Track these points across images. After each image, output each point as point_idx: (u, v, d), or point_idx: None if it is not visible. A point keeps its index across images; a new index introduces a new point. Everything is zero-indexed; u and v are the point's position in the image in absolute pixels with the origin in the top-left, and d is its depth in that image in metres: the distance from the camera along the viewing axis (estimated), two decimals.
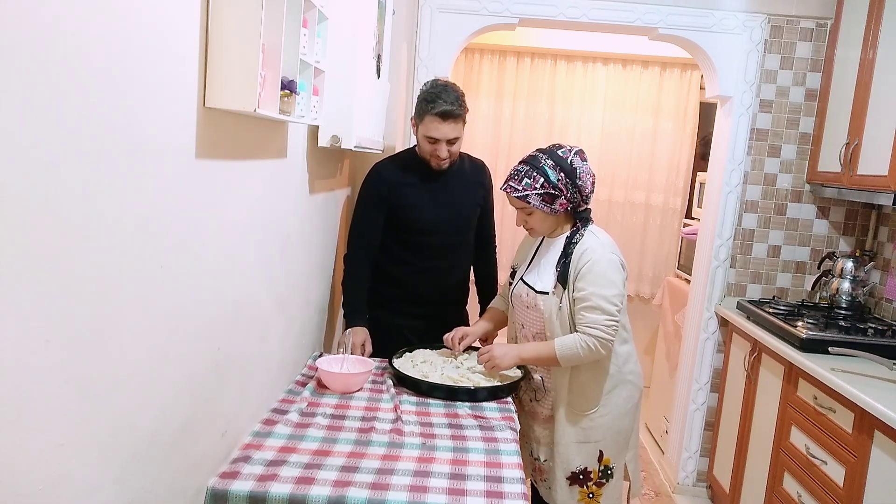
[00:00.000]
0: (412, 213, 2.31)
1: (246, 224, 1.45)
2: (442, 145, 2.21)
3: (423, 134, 2.23)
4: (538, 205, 1.88)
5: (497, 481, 1.46)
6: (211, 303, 1.29)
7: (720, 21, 3.01)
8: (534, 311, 1.98)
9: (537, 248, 2.07)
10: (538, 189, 1.86)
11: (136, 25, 0.93)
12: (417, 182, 2.32)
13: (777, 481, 2.51)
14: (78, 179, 0.83)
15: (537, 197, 1.87)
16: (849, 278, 2.89)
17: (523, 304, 2.02)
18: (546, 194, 1.87)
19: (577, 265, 1.88)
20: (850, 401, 2.06)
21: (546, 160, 1.88)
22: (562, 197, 1.87)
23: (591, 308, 1.86)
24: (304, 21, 1.44)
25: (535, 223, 1.95)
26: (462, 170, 2.40)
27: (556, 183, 1.86)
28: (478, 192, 2.44)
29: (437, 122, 2.17)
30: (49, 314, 0.80)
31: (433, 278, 2.38)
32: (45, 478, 0.82)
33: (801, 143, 3.10)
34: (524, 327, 2.03)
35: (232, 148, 1.34)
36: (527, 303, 2.00)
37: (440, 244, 2.36)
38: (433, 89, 2.20)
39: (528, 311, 2.01)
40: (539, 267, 2.01)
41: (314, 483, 1.37)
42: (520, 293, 2.03)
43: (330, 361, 2.00)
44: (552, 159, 1.88)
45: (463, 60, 4.53)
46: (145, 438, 1.07)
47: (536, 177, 1.86)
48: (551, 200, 1.88)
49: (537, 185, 1.86)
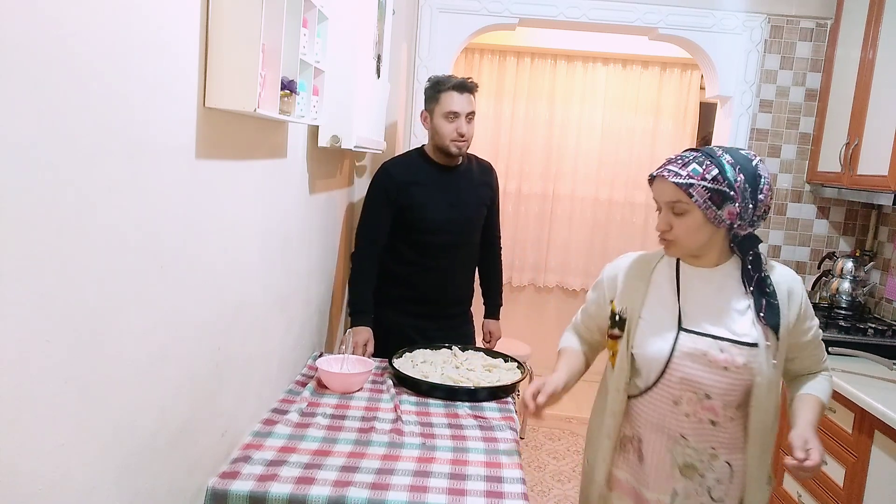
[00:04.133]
0: (419, 212, 2.31)
1: (246, 224, 1.45)
2: (462, 120, 2.24)
3: (441, 112, 2.25)
4: (701, 203, 1.37)
5: (497, 481, 1.46)
6: (211, 303, 1.29)
7: (720, 21, 3.01)
8: (734, 374, 1.42)
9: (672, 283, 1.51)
10: (708, 181, 1.36)
11: (136, 25, 0.93)
12: (425, 181, 2.32)
13: (777, 481, 2.51)
14: (78, 179, 0.83)
15: (704, 191, 1.36)
16: (849, 278, 2.89)
17: (712, 366, 1.43)
18: (717, 192, 1.36)
19: (791, 305, 1.45)
20: (850, 401, 2.06)
21: (724, 155, 1.40)
22: (734, 203, 1.37)
23: (820, 341, 1.55)
24: (304, 21, 1.44)
25: (682, 232, 1.42)
26: (469, 170, 2.41)
27: (732, 182, 1.37)
28: (485, 192, 2.44)
29: (456, 94, 2.23)
30: (49, 314, 0.80)
31: (438, 278, 2.38)
32: (45, 478, 0.82)
33: (801, 143, 3.10)
34: (710, 398, 1.44)
35: (232, 148, 1.34)
36: (723, 363, 1.42)
37: (446, 244, 2.36)
38: (438, 76, 2.30)
39: (721, 375, 1.42)
40: (707, 311, 1.46)
41: (314, 483, 1.37)
42: (700, 350, 1.43)
43: (330, 361, 2.00)
44: (732, 156, 1.40)
45: (463, 60, 4.52)
46: (145, 438, 1.07)
47: (710, 166, 1.37)
48: (720, 202, 1.37)
49: (708, 175, 1.36)
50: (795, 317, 1.46)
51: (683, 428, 1.47)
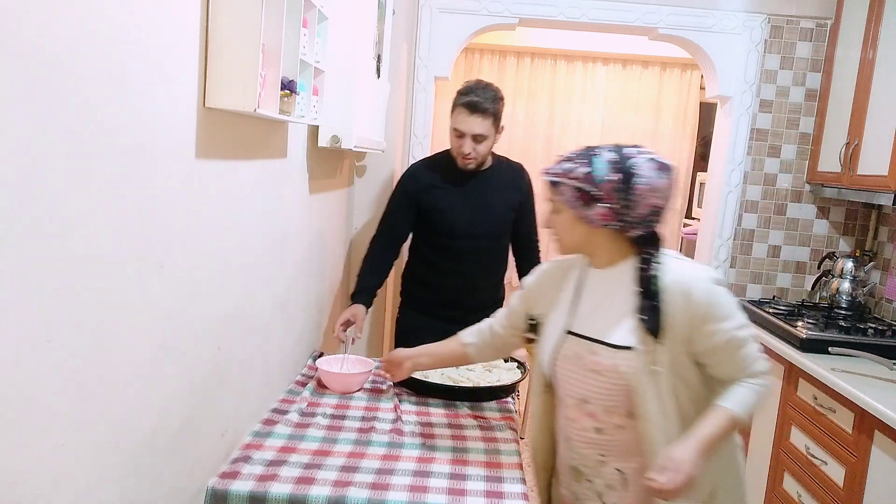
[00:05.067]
0: (441, 216, 2.29)
1: (246, 224, 1.45)
2: (467, 140, 2.18)
3: (451, 126, 2.22)
4: (569, 201, 1.36)
5: (497, 481, 1.46)
6: (211, 303, 1.29)
7: (720, 21, 3.01)
8: (607, 379, 1.37)
9: (576, 286, 1.48)
10: (575, 180, 1.34)
11: (136, 25, 0.93)
12: (449, 185, 2.30)
13: (777, 481, 2.51)
14: (78, 179, 0.83)
15: (570, 189, 1.35)
16: (849, 278, 2.89)
17: (585, 370, 1.40)
18: (582, 191, 1.34)
19: (686, 308, 1.33)
20: (850, 401, 2.06)
21: (606, 152, 1.36)
22: (601, 204, 1.33)
23: (744, 344, 1.37)
24: (304, 21, 1.44)
25: (559, 229, 1.42)
26: (498, 174, 2.36)
27: (599, 181, 1.32)
28: (512, 196, 2.37)
29: (465, 113, 2.15)
30: (49, 314, 0.80)
31: (462, 282, 2.35)
32: (45, 478, 0.83)
33: (801, 143, 3.10)
34: (588, 402, 1.41)
35: (232, 148, 1.34)
36: (594, 366, 1.39)
37: (469, 248, 2.32)
38: (470, 84, 2.20)
39: (594, 379, 1.39)
40: (594, 314, 1.43)
41: (314, 483, 1.37)
42: (576, 353, 1.42)
43: (330, 361, 2.00)
44: (615, 154, 1.35)
45: (463, 60, 4.53)
46: (145, 438, 1.07)
47: (581, 164, 1.35)
48: (587, 201, 1.34)
49: (576, 174, 1.34)
50: (693, 320, 1.33)
51: (570, 431, 1.47)
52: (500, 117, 2.22)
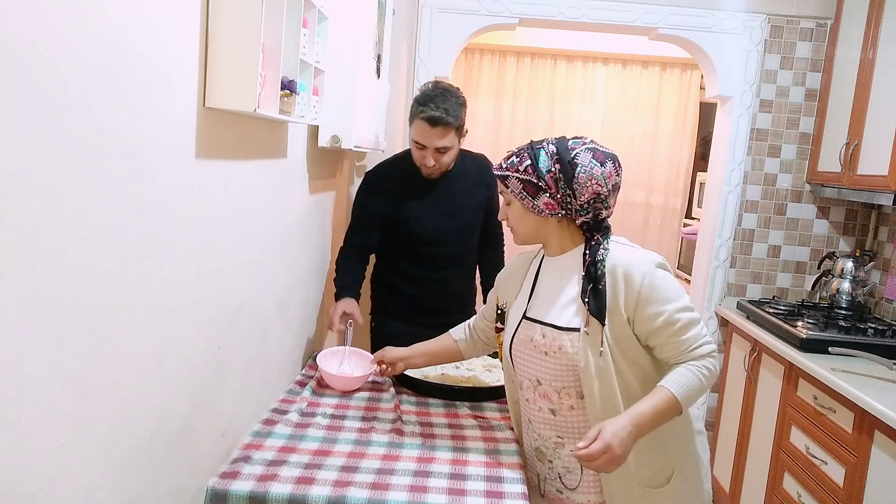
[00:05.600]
0: (411, 225, 2.19)
1: (246, 224, 1.45)
2: (429, 153, 2.06)
3: (411, 138, 2.10)
4: (517, 193, 1.46)
5: (497, 481, 1.46)
6: (211, 303, 1.29)
7: (720, 21, 3.01)
8: (554, 359, 1.46)
9: (536, 275, 1.58)
10: (520, 173, 1.45)
11: (135, 25, 0.93)
12: (414, 192, 2.18)
13: (777, 481, 2.51)
14: (78, 179, 0.83)
15: (517, 182, 1.46)
16: (849, 278, 2.89)
17: (536, 352, 1.50)
18: (528, 183, 1.44)
19: (627, 290, 1.41)
20: (850, 401, 2.06)
21: (549, 145, 1.46)
22: (547, 194, 1.43)
23: (685, 327, 1.41)
24: (304, 21, 1.44)
25: (513, 220, 1.53)
26: (463, 173, 2.23)
27: (543, 172, 1.43)
28: (480, 193, 2.27)
29: (425, 127, 2.02)
30: (49, 314, 0.80)
31: (438, 288, 2.28)
32: (45, 478, 0.82)
33: (801, 143, 3.10)
34: (541, 384, 1.50)
35: (232, 148, 1.34)
36: (543, 347, 1.47)
37: (442, 255, 2.25)
38: (430, 91, 2.04)
39: (544, 361, 1.48)
40: (547, 299, 1.52)
41: (314, 483, 1.37)
42: (528, 336, 1.51)
43: (329, 356, 1.99)
44: (556, 146, 1.45)
45: (463, 60, 4.53)
46: (145, 438, 1.07)
47: (525, 158, 1.46)
48: (534, 192, 1.44)
49: (521, 167, 1.45)
50: (633, 302, 1.40)
51: (529, 413, 1.57)
52: (464, 122, 2.09)
